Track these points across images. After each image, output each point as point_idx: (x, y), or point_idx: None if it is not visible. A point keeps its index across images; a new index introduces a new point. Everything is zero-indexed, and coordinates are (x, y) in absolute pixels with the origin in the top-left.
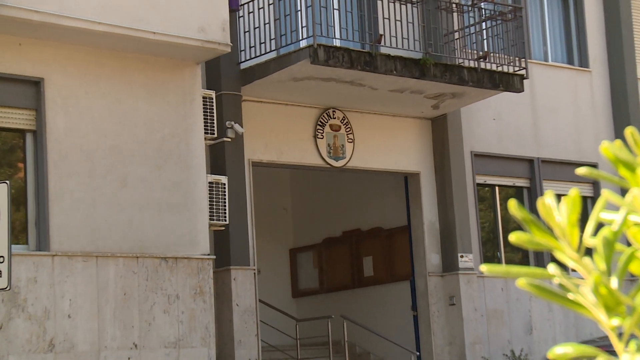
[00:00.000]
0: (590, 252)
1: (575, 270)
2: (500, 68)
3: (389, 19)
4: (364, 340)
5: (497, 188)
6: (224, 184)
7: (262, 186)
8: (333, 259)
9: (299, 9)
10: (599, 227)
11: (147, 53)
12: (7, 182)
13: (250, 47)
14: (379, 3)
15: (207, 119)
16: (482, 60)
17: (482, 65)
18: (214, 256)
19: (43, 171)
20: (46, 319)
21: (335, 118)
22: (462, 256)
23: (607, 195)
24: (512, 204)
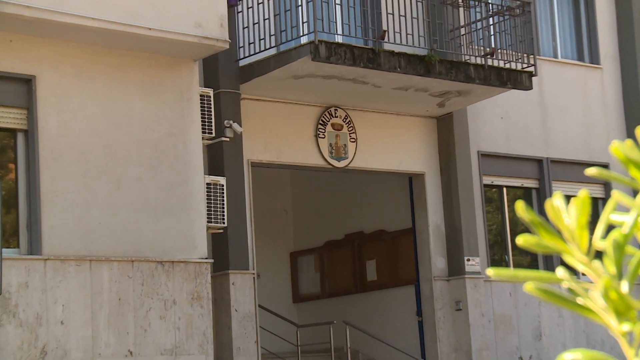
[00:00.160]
0: (600, 255)
1: (584, 274)
2: (508, 65)
3: (393, 14)
4: (367, 347)
5: (504, 189)
6: (222, 185)
7: (262, 187)
8: (335, 263)
9: (299, 4)
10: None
11: (143, 50)
12: None
13: (249, 44)
14: None
15: (204, 118)
16: (489, 56)
17: (489, 62)
18: (211, 260)
19: (35, 172)
20: (38, 326)
21: (337, 117)
22: (468, 260)
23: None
24: (520, 206)
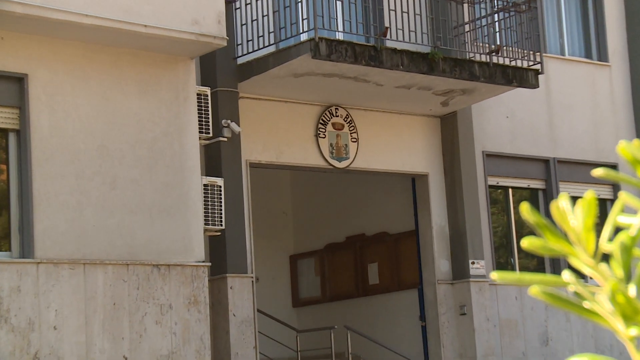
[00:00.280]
0: (607, 258)
1: (591, 278)
2: (513, 62)
3: (395, 11)
4: (369, 352)
5: (510, 190)
6: (220, 187)
7: (261, 188)
8: (336, 266)
9: (299, 0)
10: (616, 231)
11: (138, 47)
12: None
13: (247, 41)
14: None
15: (201, 117)
16: (494, 54)
17: (495, 59)
18: (209, 263)
19: (27, 173)
20: (30, 331)
21: (338, 116)
22: (473, 262)
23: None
24: (524, 208)
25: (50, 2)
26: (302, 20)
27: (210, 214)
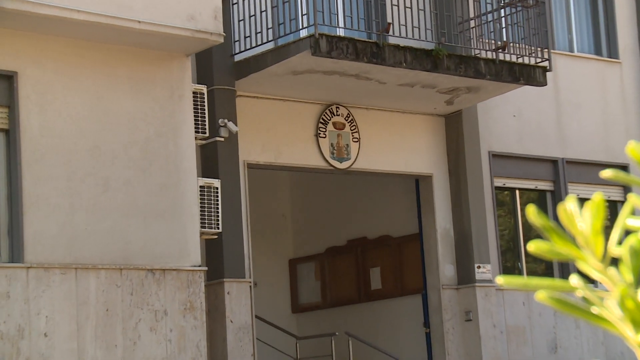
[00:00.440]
0: (616, 262)
1: (600, 282)
2: (520, 59)
3: (398, 6)
4: (371, 359)
5: (517, 192)
6: (217, 188)
7: (259, 190)
8: (337, 271)
9: None
10: (625, 235)
11: (132, 44)
12: None
13: (245, 38)
14: None
15: (197, 116)
16: (500, 50)
17: (501, 56)
18: (205, 268)
19: (16, 174)
20: (20, 338)
21: (338, 115)
22: (479, 267)
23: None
24: (531, 210)
25: None
26: (302, 15)
27: (206, 217)
